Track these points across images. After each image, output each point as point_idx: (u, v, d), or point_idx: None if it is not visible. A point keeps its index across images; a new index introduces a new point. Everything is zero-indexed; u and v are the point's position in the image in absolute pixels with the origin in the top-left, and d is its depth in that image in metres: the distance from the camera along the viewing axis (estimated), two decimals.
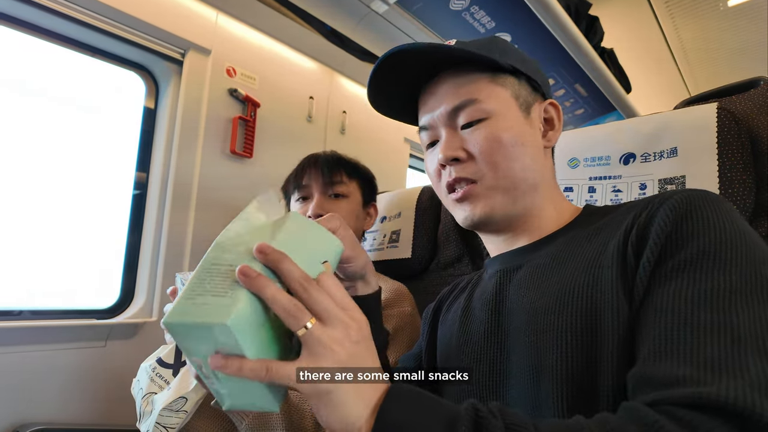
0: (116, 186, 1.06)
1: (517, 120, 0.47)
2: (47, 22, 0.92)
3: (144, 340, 0.97)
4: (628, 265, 0.35)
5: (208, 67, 1.08)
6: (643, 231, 0.36)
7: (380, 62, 0.48)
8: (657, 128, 0.66)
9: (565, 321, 0.36)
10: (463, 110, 0.47)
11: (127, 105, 1.08)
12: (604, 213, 0.45)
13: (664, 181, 0.64)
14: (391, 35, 1.22)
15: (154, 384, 0.64)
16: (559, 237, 0.46)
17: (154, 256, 1.01)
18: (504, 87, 0.48)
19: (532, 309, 0.40)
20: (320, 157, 0.83)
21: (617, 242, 0.37)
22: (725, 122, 0.60)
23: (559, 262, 0.42)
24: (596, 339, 0.34)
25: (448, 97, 0.48)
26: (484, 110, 0.46)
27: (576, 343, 0.35)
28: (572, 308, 0.36)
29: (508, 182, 0.46)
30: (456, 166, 0.47)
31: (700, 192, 0.36)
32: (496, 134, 0.46)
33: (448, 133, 0.48)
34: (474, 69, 0.48)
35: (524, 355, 0.39)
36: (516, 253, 0.48)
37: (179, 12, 1.03)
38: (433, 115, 0.49)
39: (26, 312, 0.88)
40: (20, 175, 0.92)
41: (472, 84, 0.47)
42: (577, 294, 0.37)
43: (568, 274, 0.39)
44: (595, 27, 1.43)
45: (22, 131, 0.93)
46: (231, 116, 1.12)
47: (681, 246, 0.32)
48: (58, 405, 0.86)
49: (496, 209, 0.46)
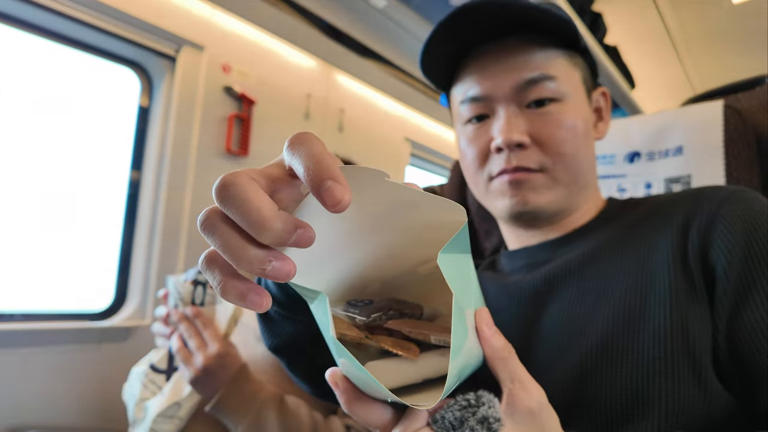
0: (109, 185, 1.04)
1: (586, 108, 0.42)
2: (39, 18, 0.90)
3: (137, 343, 0.96)
4: (691, 269, 0.34)
5: (202, 64, 1.06)
6: (705, 235, 0.34)
7: (442, 23, 0.40)
8: (662, 126, 0.64)
9: (624, 322, 0.34)
10: (535, 86, 0.40)
11: (121, 102, 1.06)
12: (634, 206, 0.42)
13: (669, 180, 0.63)
14: (390, 31, 1.20)
15: (147, 390, 0.62)
16: (590, 232, 0.42)
17: (148, 258, 0.99)
18: (577, 68, 0.42)
19: (572, 310, 0.37)
20: None
21: (670, 243, 0.35)
22: (731, 120, 0.59)
23: (595, 259, 0.39)
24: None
25: (519, 68, 0.40)
26: (559, 91, 0.40)
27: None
28: (627, 309, 0.34)
29: (571, 176, 0.41)
30: (518, 152, 0.40)
31: (751, 192, 0.35)
32: (571, 121, 0.40)
33: (512, 111, 0.40)
34: (547, 42, 0.41)
35: (560, 354, 0.36)
36: (543, 247, 0.44)
37: (173, 7, 1.01)
38: (494, 84, 0.41)
39: (18, 315, 0.86)
40: (11, 174, 0.91)
41: (550, 59, 0.40)
42: (627, 295, 0.35)
43: (609, 275, 0.37)
44: (599, 23, 1.41)
45: (12, 130, 0.91)
46: (226, 114, 1.10)
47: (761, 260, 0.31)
48: (51, 408, 0.85)
49: (554, 203, 0.41)
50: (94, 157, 1.02)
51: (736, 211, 0.34)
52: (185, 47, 1.04)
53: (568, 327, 0.37)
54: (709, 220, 0.34)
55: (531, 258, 0.44)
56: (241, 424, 0.58)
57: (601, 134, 0.46)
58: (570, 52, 0.42)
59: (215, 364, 0.57)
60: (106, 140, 1.04)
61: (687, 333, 0.32)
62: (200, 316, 0.59)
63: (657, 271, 0.35)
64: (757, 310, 0.30)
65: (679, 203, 0.37)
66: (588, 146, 0.42)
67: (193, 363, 0.57)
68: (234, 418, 0.58)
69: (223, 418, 0.59)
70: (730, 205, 0.34)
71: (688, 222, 0.35)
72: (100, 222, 1.02)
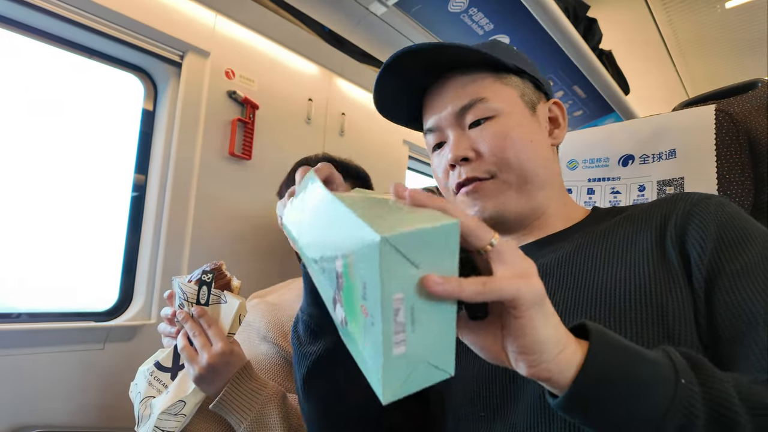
0: (114, 188, 1.05)
1: (525, 117, 0.48)
2: (45, 24, 0.91)
3: (142, 342, 0.96)
4: (670, 258, 0.38)
5: (206, 69, 1.08)
6: (682, 228, 0.38)
7: (386, 65, 0.48)
8: (656, 130, 0.66)
9: (609, 307, 0.37)
10: (470, 109, 0.47)
11: (126, 106, 1.08)
12: (616, 213, 0.47)
13: (662, 183, 0.64)
14: (389, 37, 1.22)
15: (152, 388, 0.63)
16: (571, 234, 0.46)
17: (153, 259, 1.00)
18: (509, 86, 0.49)
19: (558, 300, 0.40)
20: (311, 159, 0.84)
21: (650, 238, 0.39)
22: (723, 124, 0.60)
23: (580, 254, 0.42)
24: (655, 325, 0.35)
25: (454, 98, 0.48)
26: (491, 108, 0.47)
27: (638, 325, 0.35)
28: (612, 295, 0.37)
29: (521, 179, 0.46)
30: (466, 165, 0.47)
31: (722, 198, 0.40)
32: (506, 131, 0.46)
33: (456, 133, 0.48)
34: (478, 69, 0.48)
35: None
36: (530, 248, 0.48)
37: (178, 14, 1.03)
38: (439, 116, 0.49)
39: (24, 315, 0.87)
40: (18, 178, 0.92)
41: (478, 83, 0.48)
42: (611, 282, 0.38)
43: (594, 266, 0.40)
44: (594, 29, 1.44)
45: (19, 134, 0.93)
46: (230, 118, 1.12)
47: (736, 250, 0.35)
48: (56, 408, 0.86)
49: (509, 206, 0.46)
50: (100, 160, 1.03)
51: (708, 211, 0.38)
52: (190, 53, 1.06)
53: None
54: (685, 218, 0.39)
55: None
56: (244, 422, 0.59)
57: (558, 140, 0.51)
58: (500, 74, 0.49)
59: (220, 362, 0.58)
60: (112, 144, 1.05)
61: (666, 318, 0.35)
62: (205, 315, 0.61)
63: (637, 263, 0.38)
64: (726, 294, 0.34)
65: (657, 207, 0.42)
66: (534, 150, 0.47)
67: (198, 361, 0.58)
68: (237, 416, 0.59)
69: (226, 415, 0.60)
70: (703, 206, 0.39)
71: (665, 220, 0.40)
72: (106, 223, 1.03)
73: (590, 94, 1.54)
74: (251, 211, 1.16)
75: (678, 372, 0.26)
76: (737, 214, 0.38)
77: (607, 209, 0.50)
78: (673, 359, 0.27)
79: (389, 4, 1.10)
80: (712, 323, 0.34)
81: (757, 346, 0.31)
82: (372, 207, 0.26)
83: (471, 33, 1.22)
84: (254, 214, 1.16)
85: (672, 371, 0.26)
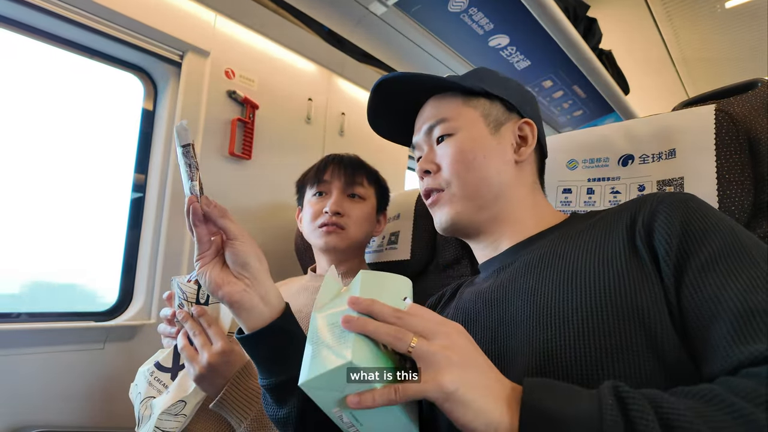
0: (114, 188, 1.05)
1: (482, 135, 0.53)
2: (45, 24, 0.91)
3: (142, 342, 0.97)
4: (641, 255, 0.39)
5: (206, 69, 1.08)
6: (649, 225, 0.39)
7: (374, 90, 0.56)
8: (655, 130, 0.66)
9: (585, 300, 0.38)
10: (435, 128, 0.55)
11: (126, 106, 1.08)
12: (591, 216, 0.49)
13: (662, 183, 0.64)
14: (389, 37, 1.22)
15: (153, 388, 0.63)
16: (547, 235, 0.49)
17: (153, 259, 1.01)
18: (474, 108, 0.54)
19: (536, 293, 0.42)
20: (344, 157, 0.88)
21: (621, 236, 0.41)
22: (723, 124, 0.60)
23: (555, 253, 0.44)
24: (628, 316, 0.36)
25: (428, 117, 0.56)
26: (451, 127, 0.53)
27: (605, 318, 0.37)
28: (587, 289, 0.39)
29: (469, 191, 0.51)
30: (427, 177, 0.54)
31: (687, 194, 0.42)
32: (459, 147, 0.52)
33: (427, 148, 0.56)
34: (453, 93, 0.55)
35: (527, 337, 0.40)
36: (505, 254, 0.52)
37: (178, 14, 1.03)
38: (418, 134, 0.57)
39: (24, 314, 0.87)
40: (18, 178, 0.92)
41: (447, 105, 0.55)
42: (586, 277, 0.40)
43: (569, 262, 0.42)
44: (594, 29, 1.44)
45: (19, 135, 0.93)
46: (230, 118, 1.12)
47: (699, 243, 0.36)
48: (56, 408, 0.86)
49: (460, 215, 0.52)
50: (100, 160, 1.03)
51: (673, 207, 0.39)
52: (190, 53, 1.06)
53: (531, 313, 0.42)
54: (651, 215, 0.40)
55: (500, 263, 0.52)
56: (244, 421, 0.59)
57: (522, 157, 0.54)
58: (468, 97, 0.55)
59: (220, 361, 0.58)
60: (112, 144, 1.05)
61: (642, 311, 0.36)
62: (204, 314, 0.61)
63: (611, 261, 0.40)
64: (692, 288, 0.35)
65: (627, 208, 0.44)
66: (487, 166, 0.51)
67: (198, 360, 0.58)
68: (237, 415, 0.59)
69: (226, 415, 0.60)
70: (668, 203, 0.40)
71: (634, 218, 0.41)
72: (106, 223, 1.03)
73: (590, 94, 1.54)
74: (251, 211, 1.16)
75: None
76: (701, 207, 0.39)
77: (584, 214, 0.52)
78: (603, 417, 0.27)
79: (389, 4, 1.10)
80: (683, 318, 0.35)
81: (722, 339, 0.32)
82: (325, 334, 0.35)
83: (471, 33, 1.22)
84: (254, 213, 1.16)
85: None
